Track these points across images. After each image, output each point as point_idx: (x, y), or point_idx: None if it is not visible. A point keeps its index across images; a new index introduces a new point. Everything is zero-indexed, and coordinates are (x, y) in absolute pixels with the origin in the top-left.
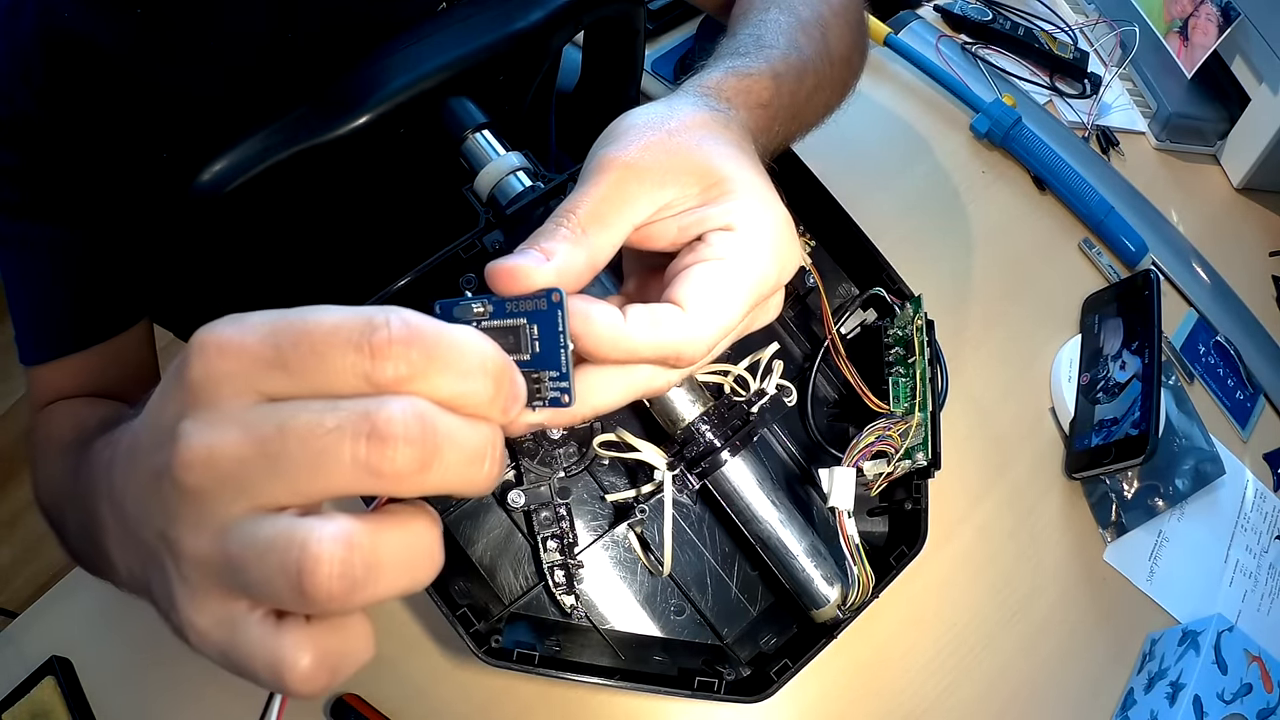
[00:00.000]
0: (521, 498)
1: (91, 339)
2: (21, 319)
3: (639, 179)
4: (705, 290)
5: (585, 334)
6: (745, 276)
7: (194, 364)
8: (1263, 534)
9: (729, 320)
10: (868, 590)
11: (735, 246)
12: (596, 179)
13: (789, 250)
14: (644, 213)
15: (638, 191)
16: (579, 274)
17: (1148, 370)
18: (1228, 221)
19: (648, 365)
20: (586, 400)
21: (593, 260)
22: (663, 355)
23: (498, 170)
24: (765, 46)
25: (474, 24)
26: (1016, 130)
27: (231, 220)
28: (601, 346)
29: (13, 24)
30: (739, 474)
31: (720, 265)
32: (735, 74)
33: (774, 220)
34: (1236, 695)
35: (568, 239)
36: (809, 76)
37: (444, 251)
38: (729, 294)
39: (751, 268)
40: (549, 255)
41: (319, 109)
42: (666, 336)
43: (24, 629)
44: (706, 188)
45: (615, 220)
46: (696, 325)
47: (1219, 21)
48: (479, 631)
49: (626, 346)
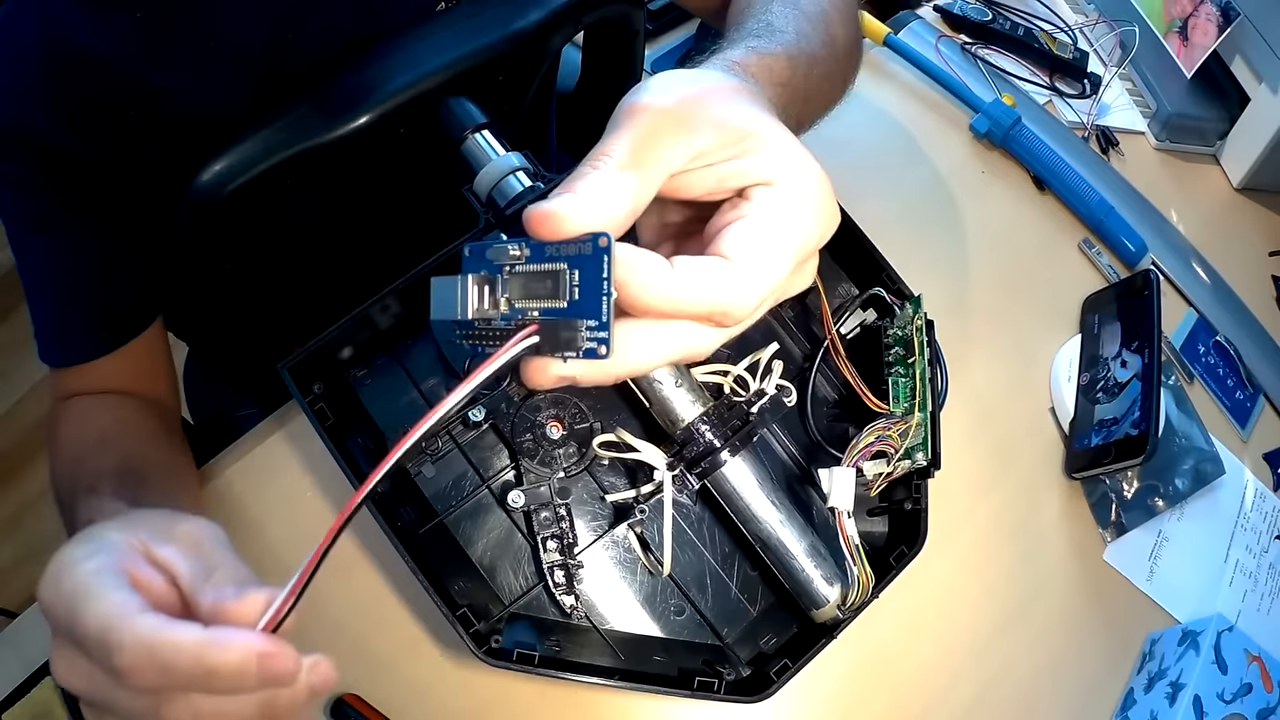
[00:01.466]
0: (521, 498)
1: (114, 344)
2: (46, 324)
3: (674, 123)
4: (753, 244)
5: (630, 281)
6: (792, 232)
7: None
8: (1263, 534)
9: (777, 277)
10: (868, 590)
11: (780, 201)
12: (629, 123)
13: (830, 208)
14: (680, 158)
15: (674, 136)
16: (622, 218)
17: (1148, 370)
18: (1228, 221)
19: (692, 323)
20: (624, 356)
21: (634, 204)
22: (710, 310)
23: (497, 170)
24: (778, 31)
25: (474, 24)
26: (1016, 130)
27: (231, 221)
28: (647, 296)
29: (14, 35)
30: (739, 474)
31: (766, 220)
32: (756, 53)
33: (815, 176)
34: (1236, 695)
35: (607, 181)
36: (817, 64)
37: (444, 251)
38: (776, 249)
39: (797, 223)
40: (592, 198)
41: (319, 109)
42: (715, 288)
43: (24, 629)
44: (742, 140)
45: (652, 162)
46: (745, 279)
47: (1219, 21)
48: (479, 631)
49: (673, 297)
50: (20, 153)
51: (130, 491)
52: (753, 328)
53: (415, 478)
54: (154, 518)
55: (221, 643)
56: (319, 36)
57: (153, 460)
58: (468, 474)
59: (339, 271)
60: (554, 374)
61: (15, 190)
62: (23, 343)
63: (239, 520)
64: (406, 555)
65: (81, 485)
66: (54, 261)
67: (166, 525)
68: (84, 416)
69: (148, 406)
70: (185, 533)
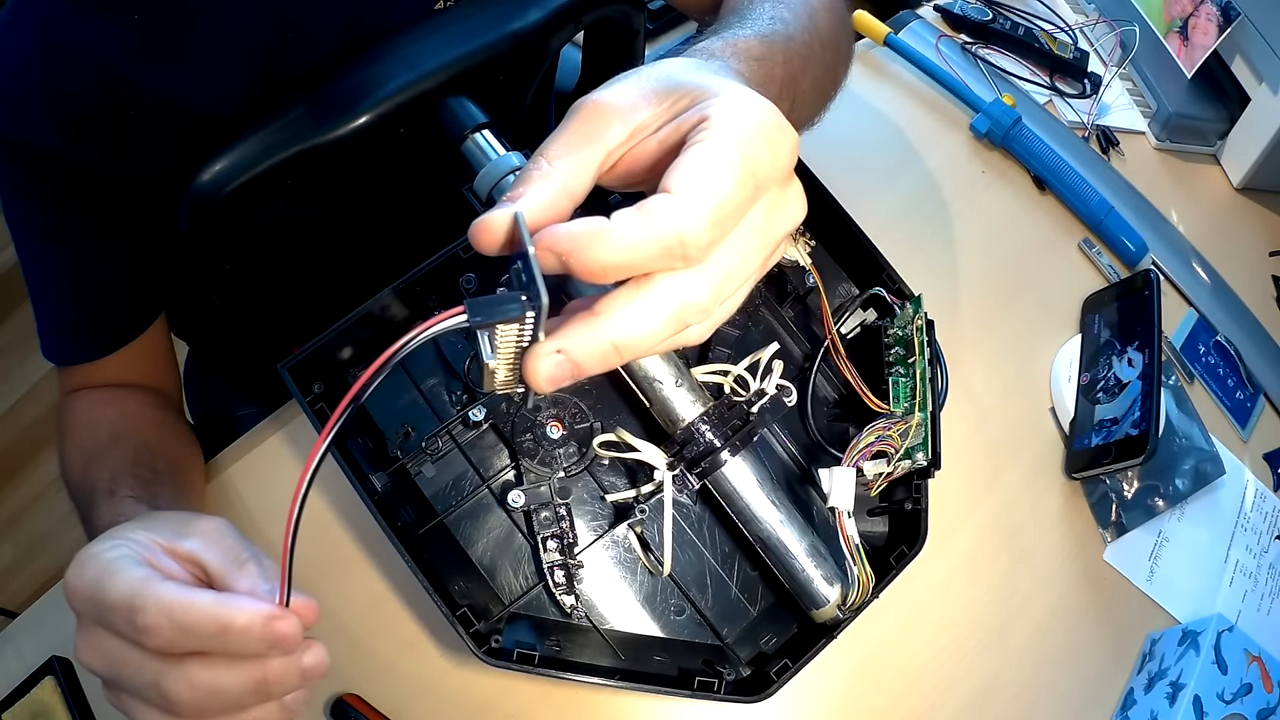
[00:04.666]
0: (521, 498)
1: (119, 343)
2: (51, 324)
3: (609, 109)
4: (688, 169)
5: (574, 248)
6: (728, 148)
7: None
8: (1263, 534)
9: (723, 193)
10: (868, 590)
11: (714, 130)
12: (566, 120)
13: (776, 129)
14: (616, 137)
15: (608, 119)
16: (551, 203)
17: (1148, 370)
18: (1228, 221)
19: (666, 275)
20: (612, 322)
21: (568, 187)
22: (665, 246)
23: (497, 170)
24: (750, 19)
25: (474, 24)
26: (1016, 130)
27: (231, 221)
28: (595, 251)
29: (12, 45)
30: (739, 474)
31: (700, 147)
32: (721, 37)
33: (752, 102)
34: (1236, 695)
35: (533, 178)
36: (797, 45)
37: (444, 251)
38: (715, 168)
39: (733, 139)
40: (515, 199)
41: (318, 109)
42: (658, 220)
43: (24, 629)
44: (678, 99)
45: (585, 147)
46: (689, 203)
47: (1219, 21)
48: (479, 631)
49: (621, 243)
50: (22, 161)
51: (143, 484)
52: (753, 328)
53: (415, 478)
54: (173, 517)
55: (235, 603)
56: (318, 37)
57: (161, 451)
58: (468, 474)
59: (339, 271)
60: (545, 355)
61: (18, 197)
62: (23, 342)
63: (239, 520)
64: (406, 555)
65: (100, 487)
66: (60, 266)
67: (185, 523)
68: (92, 412)
69: (153, 397)
70: (205, 529)
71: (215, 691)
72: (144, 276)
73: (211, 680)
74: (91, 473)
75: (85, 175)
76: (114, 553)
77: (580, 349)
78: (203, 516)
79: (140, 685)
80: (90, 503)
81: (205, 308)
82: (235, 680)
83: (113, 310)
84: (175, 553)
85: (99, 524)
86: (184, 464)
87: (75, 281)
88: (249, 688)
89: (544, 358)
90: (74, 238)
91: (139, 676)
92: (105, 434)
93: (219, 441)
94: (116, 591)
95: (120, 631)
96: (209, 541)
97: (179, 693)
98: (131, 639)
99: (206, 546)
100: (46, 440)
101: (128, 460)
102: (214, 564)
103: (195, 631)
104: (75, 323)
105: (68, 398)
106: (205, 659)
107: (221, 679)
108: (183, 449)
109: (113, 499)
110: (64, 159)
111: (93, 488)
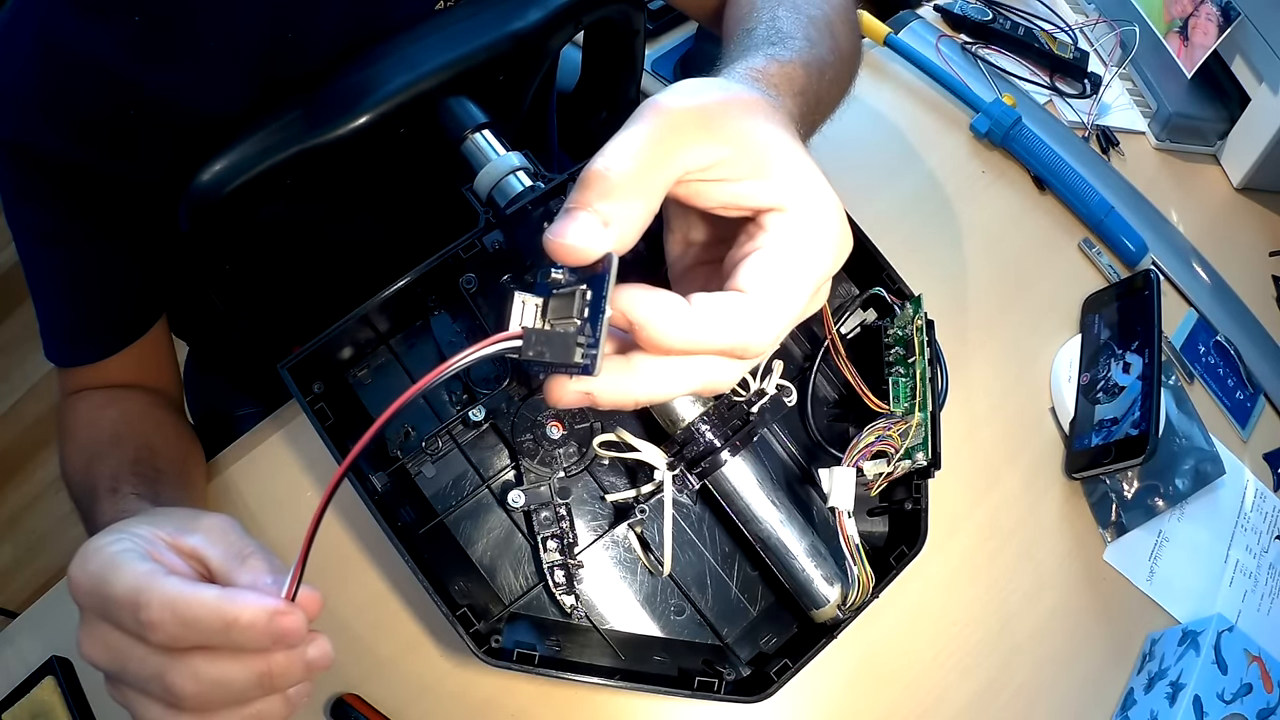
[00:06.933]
0: (521, 498)
1: (121, 344)
2: (52, 326)
3: (694, 125)
4: (769, 278)
5: (649, 322)
6: (807, 263)
7: (70, 583)
8: (1263, 534)
9: (795, 308)
10: (868, 590)
11: (794, 231)
12: (647, 119)
13: (844, 235)
14: (695, 160)
15: (691, 137)
16: (635, 226)
17: (1148, 370)
18: (1228, 221)
19: (713, 356)
20: (645, 385)
21: (647, 204)
22: (730, 345)
23: (497, 170)
24: (789, 38)
25: (474, 24)
26: (1016, 130)
27: (231, 221)
28: (667, 335)
29: (11, 47)
30: (739, 474)
31: (781, 252)
32: (776, 61)
33: (830, 203)
34: (1236, 695)
35: (615, 190)
36: (827, 69)
37: (444, 251)
38: (792, 281)
39: (812, 253)
40: (605, 220)
41: (318, 109)
42: (733, 325)
43: (24, 629)
44: (759, 158)
45: (665, 160)
46: (762, 314)
47: (1219, 21)
48: (479, 631)
49: (692, 337)
50: (23, 162)
51: (146, 482)
52: None
53: (415, 478)
54: (176, 513)
55: (239, 598)
56: (318, 36)
57: (163, 450)
58: (468, 474)
59: (339, 271)
60: (572, 390)
61: (19, 199)
62: (22, 342)
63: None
64: (406, 555)
65: (103, 486)
66: (60, 268)
67: (188, 519)
68: (93, 413)
69: (154, 396)
70: (208, 525)
71: (219, 685)
72: (145, 277)
73: (216, 674)
74: (93, 472)
75: (85, 176)
76: (118, 546)
77: (606, 395)
78: (207, 513)
79: (144, 679)
80: (92, 501)
81: (205, 308)
82: (239, 674)
83: (114, 311)
84: (179, 548)
85: (101, 522)
86: (186, 463)
87: (76, 283)
88: (253, 681)
89: (570, 392)
90: (75, 239)
91: (142, 670)
92: (107, 434)
93: (219, 441)
94: (120, 586)
95: (124, 626)
96: (213, 537)
97: (183, 686)
98: (135, 633)
99: (210, 542)
100: (46, 440)
101: (129, 459)
102: (217, 559)
103: (200, 626)
104: (76, 324)
105: (69, 398)
106: (209, 653)
107: (226, 673)
108: (184, 448)
109: (115, 497)
110: (64, 160)
111: (95, 486)
